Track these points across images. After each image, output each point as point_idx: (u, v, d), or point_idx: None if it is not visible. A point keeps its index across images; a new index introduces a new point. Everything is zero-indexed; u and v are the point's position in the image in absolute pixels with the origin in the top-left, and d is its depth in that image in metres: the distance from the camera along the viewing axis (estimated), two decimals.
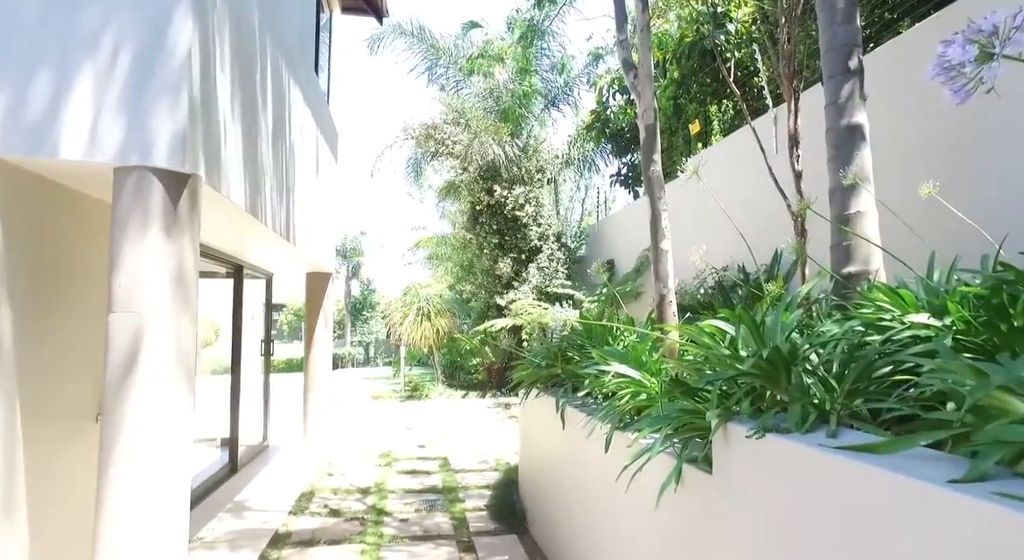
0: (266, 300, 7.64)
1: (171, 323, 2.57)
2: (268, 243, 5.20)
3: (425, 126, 13.45)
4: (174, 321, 2.59)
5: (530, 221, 12.90)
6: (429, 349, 14.04)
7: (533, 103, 13.56)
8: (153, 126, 2.58)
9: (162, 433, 2.54)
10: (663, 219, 3.59)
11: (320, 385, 7.58)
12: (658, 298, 3.51)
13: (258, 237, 4.84)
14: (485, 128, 12.36)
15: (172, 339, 2.58)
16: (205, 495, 5.24)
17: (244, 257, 6.23)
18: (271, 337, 7.70)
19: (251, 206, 3.75)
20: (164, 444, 2.54)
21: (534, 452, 4.75)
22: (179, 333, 2.62)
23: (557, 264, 12.86)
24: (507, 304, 12.48)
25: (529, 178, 13.05)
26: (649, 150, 3.66)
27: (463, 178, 13.36)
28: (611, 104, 13.59)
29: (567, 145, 14.30)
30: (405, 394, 12.70)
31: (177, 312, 2.61)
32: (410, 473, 6.28)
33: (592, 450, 2.96)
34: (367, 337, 31.38)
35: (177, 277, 2.61)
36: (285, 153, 4.82)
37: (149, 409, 2.50)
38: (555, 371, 3.99)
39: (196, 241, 2.78)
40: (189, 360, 2.69)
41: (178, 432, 2.62)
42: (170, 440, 2.57)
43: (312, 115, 6.15)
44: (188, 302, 2.70)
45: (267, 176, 4.17)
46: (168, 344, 2.56)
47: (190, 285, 2.72)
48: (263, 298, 7.64)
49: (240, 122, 3.53)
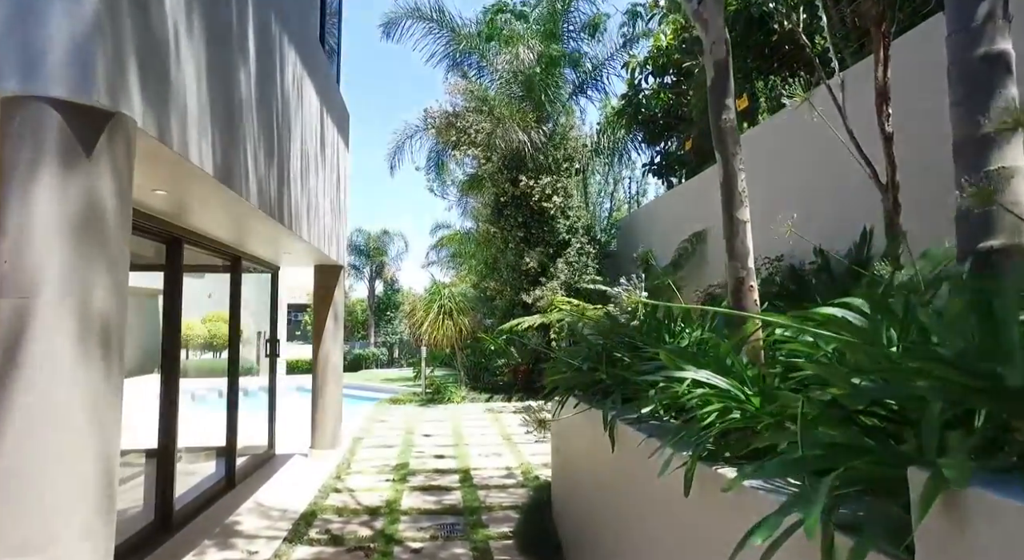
0: (271, 295, 7.01)
1: (73, 304, 1.87)
2: (264, 229, 4.53)
3: (446, 114, 12.77)
4: (78, 301, 1.88)
5: (558, 213, 12.11)
6: (451, 349, 13.33)
7: (560, 75, 12.52)
8: (44, 41, 1.88)
9: (58, 435, 1.84)
10: (740, 181, 2.78)
11: (330, 388, 6.92)
12: (734, 282, 2.71)
13: (250, 220, 4.17)
14: (509, 114, 11.60)
15: (75, 320, 1.87)
16: (193, 515, 4.59)
17: (243, 247, 5.58)
18: (277, 336, 7.06)
19: (223, 173, 3.05)
20: (61, 450, 1.84)
21: (572, 471, 3.97)
22: (86, 312, 1.91)
23: (587, 259, 12.03)
24: (534, 301, 11.71)
25: (556, 167, 12.25)
26: (721, 93, 2.86)
27: (486, 168, 12.63)
28: (643, 88, 12.73)
29: (596, 133, 13.47)
30: (426, 397, 12.01)
31: (85, 290, 1.90)
32: (426, 489, 5.55)
33: (661, 484, 2.19)
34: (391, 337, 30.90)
35: (88, 245, 1.91)
36: (276, 121, 4.14)
37: (39, 405, 1.80)
38: (598, 376, 3.22)
39: (124, 203, 2.08)
40: (109, 339, 1.98)
41: (88, 433, 1.91)
42: (73, 444, 1.87)
43: (315, 88, 5.48)
44: (112, 278, 2.00)
45: (248, 142, 3.48)
46: (68, 325, 1.86)
47: (116, 257, 2.03)
48: (268, 293, 7.01)
49: (206, 69, 2.84)
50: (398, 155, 13.90)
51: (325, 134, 6.04)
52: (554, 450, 4.58)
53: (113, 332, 1.99)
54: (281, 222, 4.29)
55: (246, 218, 4.07)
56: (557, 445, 4.46)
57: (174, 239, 4.29)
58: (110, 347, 1.98)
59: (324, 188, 6.07)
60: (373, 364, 27.39)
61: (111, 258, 1.99)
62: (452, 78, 12.86)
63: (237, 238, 5.13)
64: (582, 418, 3.38)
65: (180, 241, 4.34)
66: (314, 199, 5.53)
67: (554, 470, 4.63)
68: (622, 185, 16.93)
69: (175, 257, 4.32)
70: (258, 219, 4.07)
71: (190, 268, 6.23)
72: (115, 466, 2.01)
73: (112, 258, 2.00)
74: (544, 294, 11.53)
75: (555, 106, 12.18)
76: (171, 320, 4.31)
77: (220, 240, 5.04)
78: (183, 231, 4.31)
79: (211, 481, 5.22)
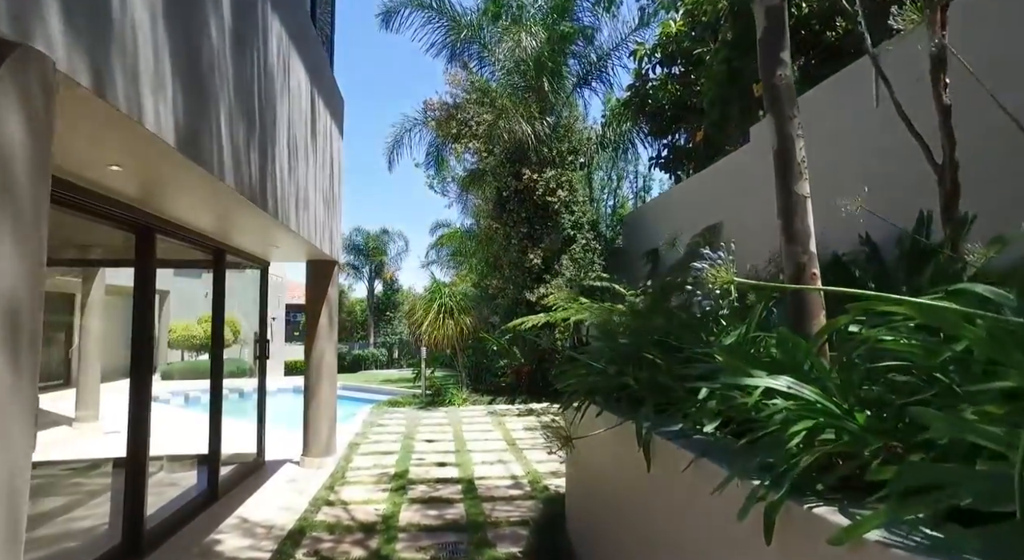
0: (261, 293, 6.57)
1: None
2: (247, 218, 4.09)
3: (446, 106, 12.35)
4: None
5: (562, 208, 11.66)
6: (452, 349, 12.88)
7: (568, 57, 11.92)
8: None
9: None
10: (798, 149, 2.34)
11: (324, 391, 6.48)
12: (793, 269, 2.27)
13: (229, 207, 3.73)
14: (512, 104, 11.14)
15: None
16: (168, 535, 4.14)
17: (226, 239, 5.14)
18: (268, 336, 6.63)
19: (188, 144, 2.61)
20: None
21: (592, 485, 3.54)
22: None
23: (593, 255, 11.60)
24: (538, 299, 11.27)
25: (561, 160, 11.80)
26: (774, 45, 2.42)
27: (488, 162, 12.19)
28: (651, 77, 12.28)
29: (601, 126, 13.01)
30: (426, 399, 11.56)
31: None
32: (427, 502, 5.11)
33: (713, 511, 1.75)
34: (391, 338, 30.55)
35: None
36: (258, 94, 3.70)
37: None
38: (624, 380, 2.78)
39: (39, 153, 1.64)
40: (14, 322, 1.54)
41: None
42: None
43: (304, 65, 5.04)
44: (18, 240, 1.55)
45: (220, 111, 3.04)
46: None
47: (25, 215, 1.58)
48: (257, 290, 6.57)
49: (163, 15, 2.40)
50: (397, 149, 13.47)
51: (317, 118, 5.60)
52: (569, 462, 4.14)
53: (21, 313, 1.55)
54: (264, 209, 3.85)
55: (224, 204, 3.63)
56: (573, 454, 4.03)
57: (144, 228, 3.85)
58: (17, 332, 1.54)
59: (316, 177, 5.63)
60: (373, 365, 27.05)
61: (17, 215, 1.55)
62: (452, 69, 12.41)
63: (219, 229, 4.69)
64: (604, 426, 2.94)
65: (151, 230, 3.90)
66: (304, 187, 5.10)
67: (569, 481, 4.20)
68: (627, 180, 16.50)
69: (146, 249, 3.88)
70: (238, 205, 3.63)
71: (167, 263, 5.81)
72: (21, 483, 1.57)
73: (18, 215, 1.55)
74: (549, 292, 11.10)
75: (559, 97, 11.72)
76: (142, 318, 3.87)
77: (200, 231, 4.60)
78: (154, 219, 3.87)
79: (190, 494, 4.78)
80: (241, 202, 3.51)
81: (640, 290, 10.22)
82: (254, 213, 3.87)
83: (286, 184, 4.36)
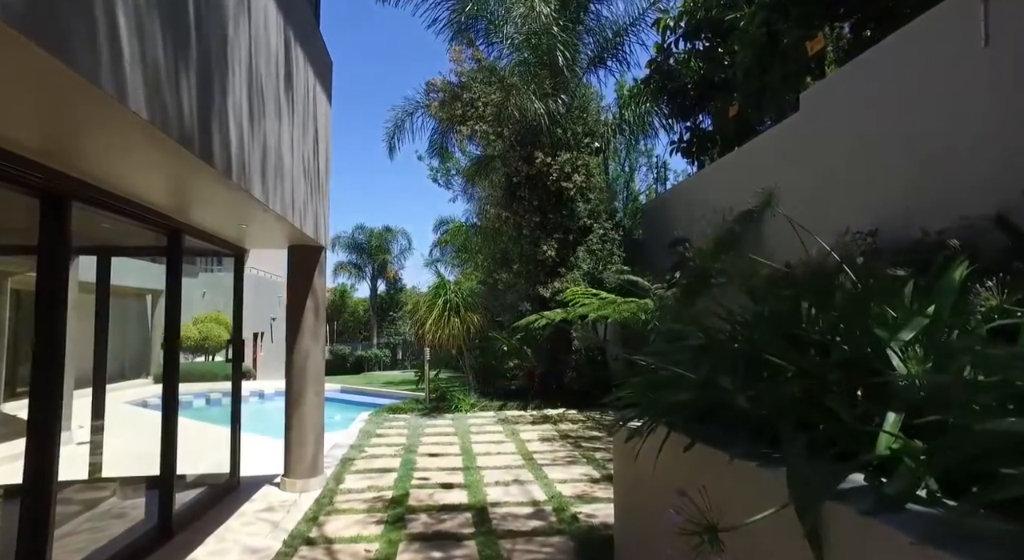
0: (235, 285, 5.60)
1: None
2: (185, 174, 3.12)
3: (450, 85, 11.36)
4: None
5: (577, 195, 10.64)
6: (458, 350, 11.85)
7: (580, 35, 10.85)
8: None
9: None
10: None
11: (309, 400, 5.51)
12: None
13: (151, 155, 2.75)
14: (523, 81, 10.14)
15: None
16: None
17: (183, 215, 4.18)
18: (243, 337, 5.66)
19: (51, 35, 1.63)
20: None
21: (656, 524, 2.54)
22: None
23: (612, 246, 10.58)
24: (552, 295, 10.27)
25: (576, 142, 10.79)
26: None
27: (496, 146, 11.18)
28: (674, 52, 11.25)
29: (619, 107, 11.99)
30: (430, 405, 10.56)
31: None
32: (430, 538, 4.12)
33: None
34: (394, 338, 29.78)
35: None
36: (208, 32, 2.72)
37: None
38: (731, 397, 1.78)
39: None
40: None
41: None
42: None
43: (279, 7, 4.08)
44: None
45: (156, 44, 2.06)
46: None
47: None
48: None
49: None
50: (398, 135, 12.48)
51: (295, 70, 4.63)
52: (618, 482, 3.15)
53: None
54: (209, 163, 2.87)
55: (146, 151, 2.65)
56: (624, 476, 3.03)
57: (51, 196, 2.88)
58: None
59: (294, 143, 4.66)
60: (376, 366, 26.30)
61: None
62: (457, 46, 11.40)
63: (168, 199, 3.72)
64: (696, 462, 1.95)
65: (61, 199, 2.93)
66: (276, 150, 4.13)
67: (619, 512, 3.19)
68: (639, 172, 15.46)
69: (54, 222, 2.91)
70: (167, 154, 2.65)
71: (101, 249, 4.84)
72: None
73: None
74: (564, 286, 10.10)
75: (575, 72, 10.70)
76: (49, 315, 2.89)
77: (140, 199, 3.62)
78: (64, 182, 2.89)
79: (133, 533, 3.81)
80: (167, 147, 2.53)
81: (669, 282, 9.21)
82: (194, 168, 2.89)
83: (246, 137, 3.38)
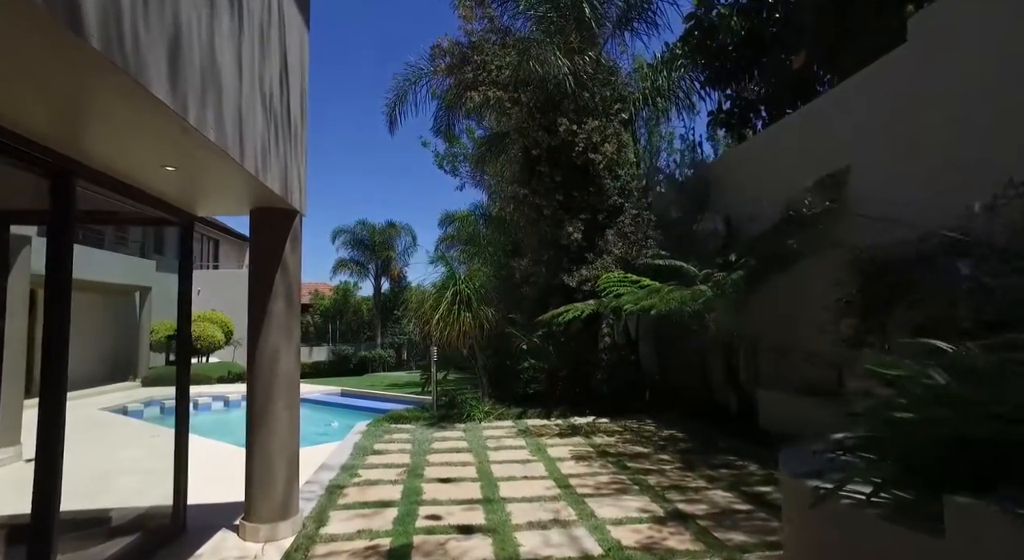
0: (181, 266, 4.20)
1: None
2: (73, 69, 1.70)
3: (459, 45, 9.95)
4: None
5: (605, 171, 9.21)
6: (470, 349, 10.40)
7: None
8: None
9: None
10: None
11: (278, 415, 4.11)
12: None
13: None
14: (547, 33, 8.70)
15: None
16: None
17: (74, 145, 2.78)
18: (191, 336, 4.26)
19: None
20: None
21: None
22: None
23: (647, 228, 9.14)
24: (579, 284, 8.85)
25: (604, 108, 9.35)
26: None
27: (512, 115, 9.75)
28: (717, 3, 9.83)
29: (652, 70, 10.54)
30: (438, 413, 9.13)
31: None
32: None
33: None
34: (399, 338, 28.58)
35: None
36: None
37: None
38: None
39: None
40: None
41: None
42: None
43: None
44: None
45: None
46: None
47: None
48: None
49: None
50: (399, 107, 11.07)
51: None
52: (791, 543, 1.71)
53: None
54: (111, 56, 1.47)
55: None
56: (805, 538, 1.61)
57: None
58: None
59: (242, 52, 3.26)
60: (380, 367, 25.16)
61: None
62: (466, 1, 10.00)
63: (45, 113, 2.32)
64: None
65: None
66: (202, 46, 2.73)
67: None
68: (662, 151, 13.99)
69: None
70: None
71: None
72: None
73: None
74: (593, 274, 8.68)
75: (603, 26, 9.27)
76: None
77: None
78: None
79: None
80: None
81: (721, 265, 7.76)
82: (49, 37, 1.49)
83: (165, 32, 1.98)
